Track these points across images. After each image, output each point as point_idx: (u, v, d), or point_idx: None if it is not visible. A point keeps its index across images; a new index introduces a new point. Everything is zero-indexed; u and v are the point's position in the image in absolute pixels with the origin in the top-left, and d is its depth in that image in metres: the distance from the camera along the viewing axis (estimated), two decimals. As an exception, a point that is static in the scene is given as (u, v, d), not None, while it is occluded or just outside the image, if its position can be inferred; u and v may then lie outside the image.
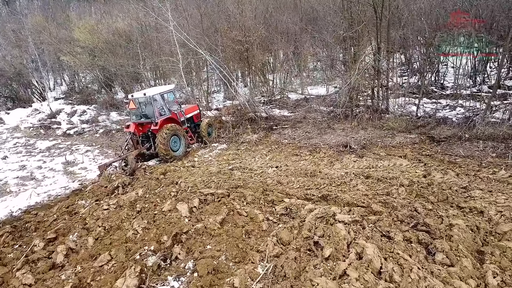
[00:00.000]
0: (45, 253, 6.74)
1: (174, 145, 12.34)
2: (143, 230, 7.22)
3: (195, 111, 14.32)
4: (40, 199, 10.20)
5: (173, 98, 13.43)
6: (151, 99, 11.97)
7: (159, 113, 12.23)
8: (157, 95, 12.23)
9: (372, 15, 13.11)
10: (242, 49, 15.40)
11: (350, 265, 5.43)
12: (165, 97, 12.75)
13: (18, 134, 18.68)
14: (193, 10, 17.78)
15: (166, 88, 13.12)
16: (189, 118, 13.88)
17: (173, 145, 12.28)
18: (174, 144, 12.37)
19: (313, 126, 13.44)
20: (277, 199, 7.93)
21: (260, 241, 6.47)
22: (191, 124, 14.02)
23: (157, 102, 12.21)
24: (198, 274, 5.59)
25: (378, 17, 11.76)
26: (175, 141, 12.42)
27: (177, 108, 13.25)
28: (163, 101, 12.40)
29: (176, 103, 13.34)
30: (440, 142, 10.58)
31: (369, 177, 8.85)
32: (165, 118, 12.28)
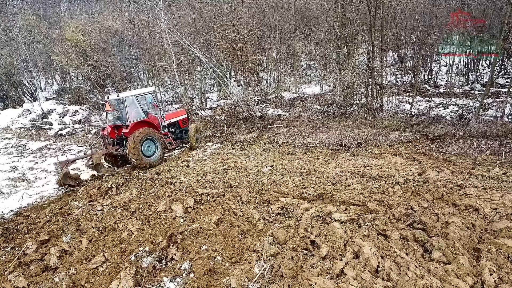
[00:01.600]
0: (38, 255, 6.63)
1: (147, 150, 11.78)
2: (137, 231, 7.14)
3: (182, 116, 13.75)
4: (32, 200, 10.06)
5: (151, 101, 12.89)
6: (124, 101, 11.47)
7: (134, 116, 11.67)
8: (131, 97, 11.72)
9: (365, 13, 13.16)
10: (236, 48, 15.33)
11: (347, 264, 5.41)
12: (141, 100, 12.23)
13: (9, 135, 18.42)
14: (186, 9, 17.67)
15: (143, 91, 12.66)
16: (174, 122, 13.40)
17: (146, 150, 11.72)
18: (148, 149, 11.81)
19: (307, 125, 13.43)
20: (272, 199, 7.89)
21: (256, 241, 6.43)
22: (177, 129, 13.53)
23: (131, 104, 11.65)
24: (194, 275, 5.52)
25: (372, 15, 11.78)
26: (149, 146, 11.86)
27: (157, 112, 12.75)
28: (138, 104, 11.84)
29: (155, 106, 12.75)
30: (434, 140, 10.62)
31: (364, 176, 8.85)
32: (139, 121, 11.71)
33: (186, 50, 15.04)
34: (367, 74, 12.69)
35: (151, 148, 11.91)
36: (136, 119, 11.66)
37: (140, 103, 11.95)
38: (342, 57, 13.67)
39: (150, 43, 18.16)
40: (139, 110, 11.88)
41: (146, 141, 11.67)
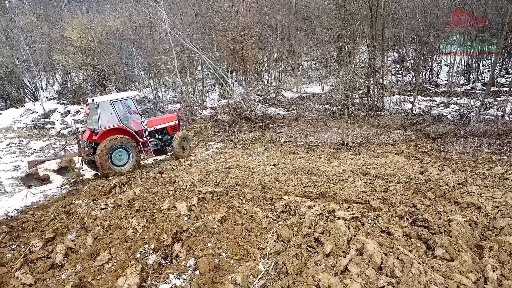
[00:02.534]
0: (43, 253, 6.67)
1: (118, 159, 11.26)
2: (142, 228, 7.20)
3: (171, 122, 12.99)
4: (36, 199, 10.12)
5: (130, 107, 11.99)
6: (97, 106, 11.02)
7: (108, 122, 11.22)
8: (106, 103, 11.18)
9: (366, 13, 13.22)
10: (237, 48, 15.40)
11: (351, 261, 5.46)
12: (119, 105, 11.58)
13: (11, 134, 18.48)
14: (187, 9, 17.72)
15: (122, 96, 12.05)
16: (161, 129, 12.73)
17: (117, 159, 11.21)
18: (119, 158, 11.29)
19: (309, 124, 13.50)
20: (276, 197, 7.95)
21: (260, 239, 6.48)
22: (164, 136, 12.83)
23: (106, 110, 11.18)
24: (199, 272, 5.58)
25: (373, 15, 11.84)
26: (120, 155, 11.32)
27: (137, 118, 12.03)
28: (113, 109, 11.29)
29: (134, 113, 11.91)
30: (436, 139, 10.70)
31: (367, 174, 8.92)
32: (111, 128, 11.17)
33: (188, 50, 15.11)
34: (368, 74, 12.75)
35: (123, 157, 11.39)
36: (110, 126, 11.19)
37: (116, 108, 11.38)
38: (343, 56, 13.73)
39: (151, 43, 18.22)
40: (114, 116, 11.31)
41: (118, 149, 11.18)
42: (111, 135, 10.99)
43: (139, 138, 11.80)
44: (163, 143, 12.79)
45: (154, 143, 12.51)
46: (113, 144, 10.92)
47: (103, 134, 10.99)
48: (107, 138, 10.89)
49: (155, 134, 12.62)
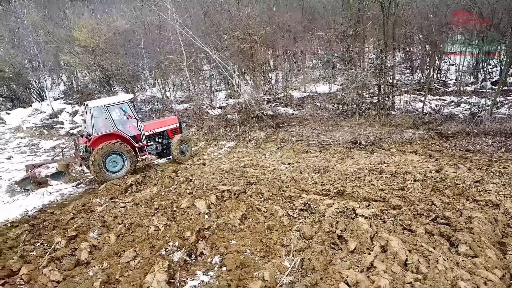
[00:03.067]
0: (68, 251, 6.76)
1: (112, 165, 10.95)
2: (164, 226, 7.28)
3: (172, 125, 12.58)
4: (53, 198, 10.19)
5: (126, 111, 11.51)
6: (91, 111, 10.83)
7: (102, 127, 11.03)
8: (99, 108, 10.94)
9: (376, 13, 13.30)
10: (247, 47, 15.47)
11: (376, 258, 5.54)
12: (114, 109, 11.27)
13: (21, 134, 18.58)
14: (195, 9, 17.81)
15: (116, 100, 11.64)
16: (161, 132, 12.38)
17: (111, 165, 10.91)
18: (113, 164, 10.98)
19: (320, 123, 13.58)
20: (294, 195, 8.03)
21: (282, 236, 6.56)
22: (165, 139, 12.45)
23: (100, 115, 10.99)
24: (226, 268, 5.65)
25: (385, 14, 11.92)
26: (115, 161, 11.01)
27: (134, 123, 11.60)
28: (108, 114, 11.01)
29: (130, 117, 11.48)
30: (449, 138, 10.76)
31: (383, 173, 9.00)
32: (105, 134, 10.91)
33: (197, 50, 15.19)
34: (379, 73, 12.82)
35: (117, 163, 11.07)
36: (104, 131, 10.96)
37: (110, 113, 11.07)
38: (353, 56, 13.80)
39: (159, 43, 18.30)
40: (109, 121, 11.05)
41: (112, 155, 10.89)
42: (105, 141, 10.73)
43: (136, 143, 11.49)
44: (163, 146, 12.41)
45: (154, 146, 12.22)
46: (106, 150, 10.64)
47: (97, 140, 10.75)
48: (100, 144, 10.63)
49: (154, 138, 12.32)
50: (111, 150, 10.74)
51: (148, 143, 12.00)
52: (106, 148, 10.62)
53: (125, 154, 10.99)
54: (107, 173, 10.83)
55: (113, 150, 10.80)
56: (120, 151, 10.92)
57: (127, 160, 11.05)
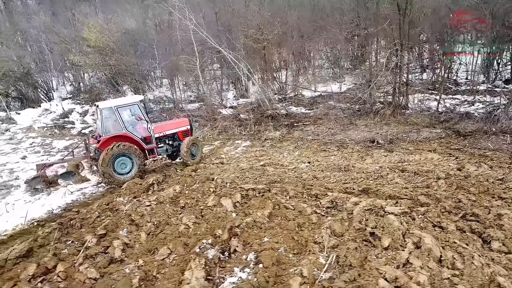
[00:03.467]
0: (100, 249, 6.82)
1: (121, 167, 10.82)
2: (193, 224, 7.35)
3: (182, 127, 12.33)
4: (74, 197, 10.27)
5: (135, 113, 11.32)
6: (101, 112, 10.85)
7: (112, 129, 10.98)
8: (110, 109, 10.87)
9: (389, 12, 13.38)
10: (260, 47, 15.55)
11: (410, 254, 5.63)
12: (124, 111, 11.12)
13: (33, 134, 18.65)
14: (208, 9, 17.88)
15: (127, 101, 11.49)
16: (172, 134, 12.20)
17: (119, 167, 10.78)
18: (122, 166, 10.85)
19: (335, 122, 13.65)
20: (320, 193, 8.11)
21: (313, 233, 6.62)
22: (175, 141, 12.25)
23: (110, 116, 10.92)
24: (263, 265, 5.72)
25: (401, 14, 12.00)
26: (124, 163, 10.86)
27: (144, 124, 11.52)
28: (118, 115, 10.89)
29: (140, 118, 11.33)
30: (466, 137, 10.85)
31: (405, 171, 9.07)
32: (114, 136, 10.81)
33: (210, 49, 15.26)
34: (395, 72, 12.89)
35: (126, 165, 10.93)
36: (114, 133, 10.89)
37: (120, 115, 10.94)
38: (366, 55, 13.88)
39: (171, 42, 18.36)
40: (118, 123, 10.96)
41: (121, 157, 10.77)
42: (113, 143, 10.63)
43: (146, 145, 11.39)
44: (174, 148, 12.27)
45: (165, 148, 12.07)
46: (115, 152, 10.54)
47: (106, 142, 10.70)
48: (109, 145, 10.57)
49: (165, 140, 12.15)
50: (120, 152, 10.65)
51: (159, 145, 11.90)
52: (115, 150, 10.54)
53: (134, 156, 10.89)
54: (116, 175, 10.73)
55: (122, 152, 10.71)
56: (129, 153, 10.81)
57: (136, 162, 10.95)
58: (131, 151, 10.82)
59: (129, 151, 10.78)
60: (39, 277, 6.26)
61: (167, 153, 12.22)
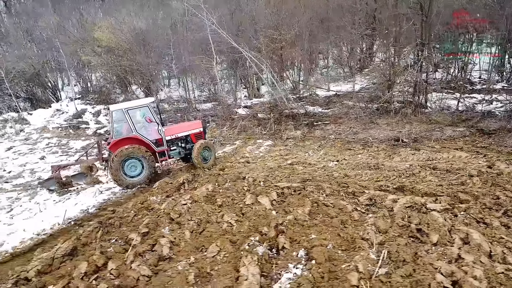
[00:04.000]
0: (147, 246, 6.91)
1: (131, 170, 10.78)
2: (236, 222, 7.46)
3: (195, 130, 12.12)
4: (105, 196, 10.35)
5: (144, 115, 11.23)
6: (111, 114, 10.87)
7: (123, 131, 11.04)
8: (120, 111, 10.88)
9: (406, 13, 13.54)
10: (278, 47, 15.68)
11: (460, 250, 5.76)
12: (134, 113, 11.11)
13: (48, 134, 18.68)
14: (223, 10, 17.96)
15: (137, 103, 11.45)
16: (184, 137, 12.00)
17: (129, 170, 10.75)
18: (132, 169, 10.79)
19: (355, 121, 13.77)
20: (357, 191, 8.21)
21: (357, 230, 6.73)
22: (188, 144, 12.02)
23: (121, 118, 10.92)
24: (315, 262, 5.82)
25: (424, 13, 12.14)
26: (134, 165, 10.80)
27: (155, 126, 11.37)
28: (128, 118, 10.85)
29: (149, 121, 11.16)
30: (491, 135, 10.98)
31: (436, 169, 9.19)
32: (125, 138, 10.83)
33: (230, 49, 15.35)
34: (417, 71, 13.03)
35: (137, 168, 10.87)
36: (125, 135, 10.94)
37: (131, 117, 10.91)
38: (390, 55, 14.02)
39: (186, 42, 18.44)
40: (129, 125, 10.94)
41: (131, 160, 10.71)
42: (124, 145, 10.66)
43: (157, 148, 11.31)
44: (186, 151, 12.01)
45: (177, 151, 11.92)
46: (124, 154, 10.50)
47: (116, 144, 10.71)
48: (119, 148, 10.57)
49: (177, 142, 11.99)
50: (130, 154, 10.62)
51: (171, 148, 11.83)
52: (124, 152, 10.52)
53: (144, 158, 10.81)
54: (126, 177, 10.69)
55: (132, 155, 10.66)
56: (139, 155, 10.74)
57: (146, 165, 10.85)
58: (141, 154, 10.75)
59: (138, 153, 10.71)
60: (91, 274, 6.36)
61: (179, 155, 12.07)
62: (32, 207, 10.24)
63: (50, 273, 6.75)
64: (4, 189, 11.93)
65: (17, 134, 19.02)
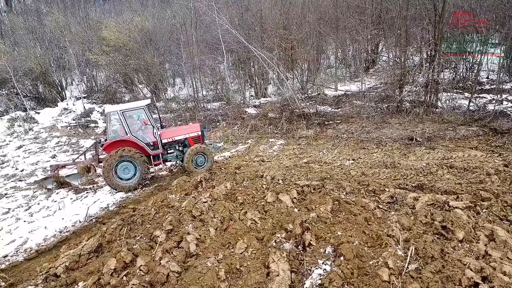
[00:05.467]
0: (173, 243, 6.98)
1: (124, 173, 10.83)
2: (260, 220, 7.53)
3: (192, 133, 11.99)
4: (123, 194, 10.42)
5: (139, 118, 11.26)
6: (107, 116, 10.97)
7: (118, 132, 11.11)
8: (114, 113, 10.90)
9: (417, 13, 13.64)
10: (289, 47, 15.77)
11: (487, 246, 5.85)
12: (130, 115, 11.10)
13: (57, 133, 18.74)
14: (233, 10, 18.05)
15: (133, 105, 11.40)
16: (181, 140, 11.93)
17: (122, 173, 10.80)
18: (125, 171, 10.84)
19: (366, 120, 13.86)
20: (378, 189, 8.30)
21: (381, 227, 6.81)
22: (185, 147, 11.94)
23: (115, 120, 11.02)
24: (344, 258, 5.90)
25: (437, 14, 12.24)
26: (126, 168, 10.85)
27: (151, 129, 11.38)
28: (123, 120, 10.86)
29: (144, 123, 11.18)
30: (504, 134, 11.08)
31: (453, 167, 9.28)
32: (118, 140, 10.88)
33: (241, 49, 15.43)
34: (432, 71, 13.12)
35: (129, 171, 10.91)
36: (120, 137, 10.97)
37: (126, 119, 10.92)
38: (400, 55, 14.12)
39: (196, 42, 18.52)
40: (123, 127, 10.96)
41: (124, 162, 10.75)
42: (118, 147, 10.68)
43: (152, 151, 11.30)
44: (184, 155, 11.87)
45: (175, 154, 11.91)
46: (117, 157, 10.57)
47: (109, 146, 10.78)
48: (112, 150, 10.65)
49: (175, 146, 11.97)
50: (122, 157, 10.62)
51: (168, 151, 11.83)
52: (118, 155, 10.54)
53: (137, 161, 10.80)
54: (118, 180, 10.72)
55: (124, 157, 10.66)
56: (131, 158, 10.72)
57: (139, 168, 10.85)
58: (134, 157, 10.74)
59: (131, 156, 10.71)
60: (121, 271, 6.44)
61: (177, 159, 12.04)
62: (50, 205, 10.35)
63: (78, 269, 6.84)
64: (19, 188, 12.01)
65: (26, 133, 19.08)
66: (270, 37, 16.01)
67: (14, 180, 12.75)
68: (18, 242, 8.38)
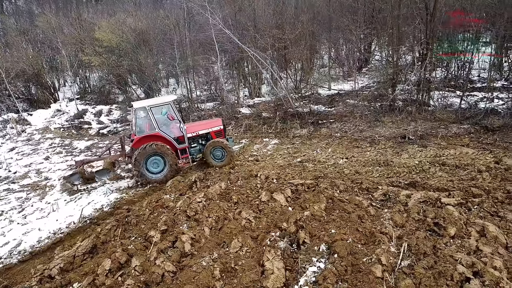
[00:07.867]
0: (168, 243, 7.00)
1: (154, 167, 11.05)
2: (254, 219, 7.58)
3: (215, 127, 12.05)
4: (117, 195, 10.40)
5: (165, 113, 11.44)
6: (135, 112, 11.17)
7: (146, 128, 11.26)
8: (144, 108, 11.10)
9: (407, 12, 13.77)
10: (282, 46, 15.81)
11: (478, 242, 5.94)
12: (157, 110, 11.26)
13: (50, 135, 18.61)
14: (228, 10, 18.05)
15: (160, 101, 11.55)
16: (204, 134, 11.99)
17: (152, 166, 11.03)
18: (154, 165, 11.06)
19: (360, 119, 13.95)
20: (371, 187, 8.37)
21: (375, 225, 6.89)
22: (207, 142, 11.89)
23: (143, 115, 11.24)
24: (338, 255, 5.96)
25: (429, 13, 12.37)
26: (156, 162, 11.06)
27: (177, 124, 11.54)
28: (151, 115, 11.03)
29: (172, 118, 11.40)
30: (495, 132, 11.23)
31: (445, 165, 9.39)
32: (147, 135, 11.03)
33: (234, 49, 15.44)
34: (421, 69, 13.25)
35: (159, 165, 11.13)
36: (147, 132, 11.14)
37: (154, 114, 11.10)
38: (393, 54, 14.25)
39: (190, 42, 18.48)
40: (151, 122, 11.13)
41: (154, 156, 10.98)
42: (147, 142, 10.82)
43: (178, 145, 11.44)
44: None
45: (198, 148, 12.05)
46: (147, 151, 10.72)
47: (139, 141, 10.93)
48: (141, 145, 10.78)
49: (198, 140, 12.08)
50: (152, 151, 10.81)
51: (192, 145, 11.97)
52: (148, 149, 10.71)
53: (166, 155, 10.99)
54: (148, 173, 10.97)
55: (155, 152, 10.85)
56: (161, 152, 10.92)
57: (168, 162, 11.04)
58: (163, 151, 10.93)
59: (161, 150, 10.90)
60: (116, 271, 6.45)
61: (199, 153, 12.17)
62: (44, 206, 10.31)
63: (72, 270, 6.85)
64: (12, 190, 11.95)
65: (19, 135, 18.93)
66: (264, 37, 16.03)
67: (7, 182, 12.65)
68: (12, 244, 8.34)
